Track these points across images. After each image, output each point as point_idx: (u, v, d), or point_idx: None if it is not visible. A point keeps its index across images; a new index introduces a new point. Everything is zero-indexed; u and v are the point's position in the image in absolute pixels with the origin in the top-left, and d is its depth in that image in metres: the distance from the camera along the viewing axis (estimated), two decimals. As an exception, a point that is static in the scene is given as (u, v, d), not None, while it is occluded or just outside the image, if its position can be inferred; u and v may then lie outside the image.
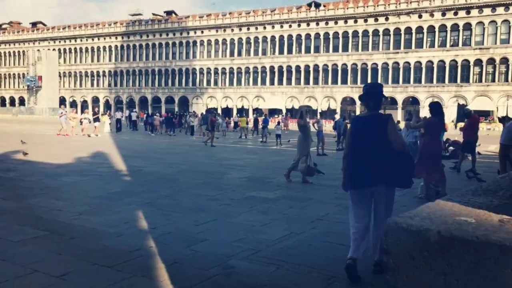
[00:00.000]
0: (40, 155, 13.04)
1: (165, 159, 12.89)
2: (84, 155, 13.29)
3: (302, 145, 8.59)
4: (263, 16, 64.95)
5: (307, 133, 8.73)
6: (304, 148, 8.56)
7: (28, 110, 71.52)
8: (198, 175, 9.56)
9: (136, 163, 11.50)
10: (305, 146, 8.59)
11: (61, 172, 9.65)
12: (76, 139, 21.05)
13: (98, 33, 75.88)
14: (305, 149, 8.55)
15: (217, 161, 12.78)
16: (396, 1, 57.51)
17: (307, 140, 8.65)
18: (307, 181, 8.53)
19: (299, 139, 8.64)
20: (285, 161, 13.27)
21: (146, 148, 16.99)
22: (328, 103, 61.81)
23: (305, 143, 8.61)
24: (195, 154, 15.13)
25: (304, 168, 8.45)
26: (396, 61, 57.38)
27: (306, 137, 8.65)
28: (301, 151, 8.55)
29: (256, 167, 11.27)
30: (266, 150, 17.83)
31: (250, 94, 66.26)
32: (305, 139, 8.63)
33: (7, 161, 11.50)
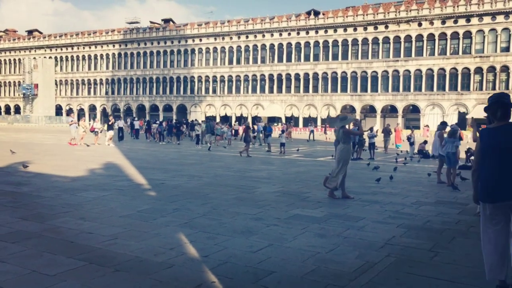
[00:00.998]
0: (48, 167, 12.35)
1: (183, 170, 12.22)
2: (95, 167, 12.60)
3: (345, 157, 7.97)
4: (262, 24, 64.71)
5: (350, 143, 8.13)
6: (346, 161, 7.95)
7: (24, 119, 70.47)
8: (227, 189, 8.91)
9: (155, 176, 10.83)
10: (347, 158, 7.99)
11: (78, 186, 8.97)
12: (80, 148, 20.33)
13: (95, 41, 75.27)
14: (346, 162, 7.95)
15: (237, 172, 12.13)
16: (395, 9, 57.50)
17: (349, 151, 8.05)
18: (348, 196, 7.92)
19: (342, 150, 8.02)
20: (307, 172, 12.68)
21: (156, 159, 16.30)
22: (328, 111, 61.44)
23: (348, 155, 8.01)
24: (210, 164, 14.47)
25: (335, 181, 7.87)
26: (396, 69, 57.23)
27: (348, 148, 8.04)
28: (344, 163, 7.93)
29: (282, 180, 10.63)
30: (280, 160, 17.21)
31: (249, 102, 65.80)
32: (348, 150, 8.02)
33: (16, 173, 10.79)
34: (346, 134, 8.08)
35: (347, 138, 8.08)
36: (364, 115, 60.59)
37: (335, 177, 7.86)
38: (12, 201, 7.34)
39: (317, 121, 60.96)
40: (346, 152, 8.00)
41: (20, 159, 14.20)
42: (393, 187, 9.62)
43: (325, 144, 29.92)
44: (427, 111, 55.97)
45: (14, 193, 8.11)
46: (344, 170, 7.91)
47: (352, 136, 8.18)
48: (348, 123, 8.07)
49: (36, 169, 11.63)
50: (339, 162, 7.91)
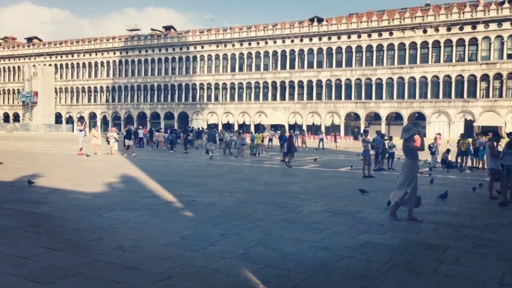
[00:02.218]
0: (61, 180, 11.43)
1: (207, 184, 11.32)
2: (112, 180, 11.69)
3: (410, 173, 7.09)
4: (264, 31, 64.14)
5: (416, 158, 7.22)
6: (413, 178, 7.07)
7: (23, 127, 69.45)
8: (268, 208, 8.02)
9: (181, 191, 9.93)
10: (415, 173, 7.12)
11: (102, 205, 8.06)
12: (89, 159, 19.40)
13: (96, 48, 74.53)
14: (414, 179, 7.07)
15: (266, 186, 11.24)
16: (400, 16, 57.04)
17: (416, 167, 7.17)
18: (415, 218, 7.03)
19: (407, 165, 7.15)
20: (339, 185, 11.82)
21: (171, 170, 15.40)
22: (332, 118, 60.74)
23: (414, 171, 7.13)
24: (231, 177, 13.58)
25: (411, 201, 6.98)
26: (401, 76, 56.63)
27: (415, 164, 7.16)
28: (410, 180, 7.05)
29: (321, 195, 9.75)
30: (300, 171, 16.34)
31: (252, 110, 65.01)
32: (414, 166, 7.14)
33: (30, 189, 9.87)
34: (405, 149, 7.23)
35: (407, 152, 7.21)
36: (369, 122, 59.87)
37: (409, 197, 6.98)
38: (33, 225, 6.44)
39: (320, 128, 60.19)
40: (410, 168, 7.12)
41: (28, 172, 13.28)
42: (448, 204, 8.76)
43: (335, 153, 29.09)
44: (433, 119, 55.30)
45: (33, 214, 7.20)
46: (413, 189, 7.03)
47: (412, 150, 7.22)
48: (410, 135, 7.18)
49: (49, 184, 10.71)
50: (406, 181, 7.03)
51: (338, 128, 58.15)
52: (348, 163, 20.62)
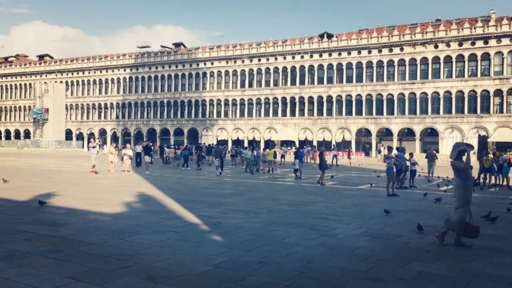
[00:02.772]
0: (78, 200, 11.03)
1: (228, 204, 10.86)
2: (130, 199, 11.27)
3: (462, 195, 6.56)
4: (274, 47, 64.22)
5: (467, 178, 6.65)
6: (465, 200, 6.52)
7: (34, 143, 69.69)
8: (300, 231, 7.52)
9: (203, 211, 9.47)
10: (467, 195, 6.57)
11: (124, 227, 7.62)
12: (103, 176, 19.04)
13: (106, 65, 75.10)
14: (465, 202, 6.52)
15: (290, 206, 10.75)
16: (410, 31, 56.85)
17: (467, 188, 6.60)
18: (463, 244, 6.49)
19: (457, 187, 6.63)
20: (365, 204, 11.29)
21: (188, 188, 14.97)
22: (343, 134, 60.18)
23: (465, 193, 6.57)
24: (251, 195, 13.10)
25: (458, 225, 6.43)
26: (413, 91, 56.09)
27: (465, 185, 6.61)
28: (463, 202, 6.52)
29: (351, 216, 9.24)
30: (319, 189, 15.84)
31: (262, 126, 64.69)
32: (465, 187, 6.59)
33: (47, 209, 9.47)
34: (453, 168, 6.71)
35: (456, 171, 6.69)
36: (380, 138, 59.26)
37: (457, 221, 6.44)
38: (53, 250, 6.01)
39: (331, 144, 59.60)
40: (460, 189, 6.58)
41: (43, 191, 12.92)
42: (493, 227, 8.19)
43: (350, 170, 28.50)
44: (445, 135, 54.51)
45: (52, 237, 6.78)
46: (465, 211, 6.49)
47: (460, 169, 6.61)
48: (458, 153, 6.65)
49: (66, 204, 10.32)
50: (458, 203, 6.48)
51: (349, 144, 57.50)
52: (366, 180, 20.08)
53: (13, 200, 10.90)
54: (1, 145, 73.57)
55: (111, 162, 21.55)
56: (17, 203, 10.39)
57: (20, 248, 6.07)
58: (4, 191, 12.83)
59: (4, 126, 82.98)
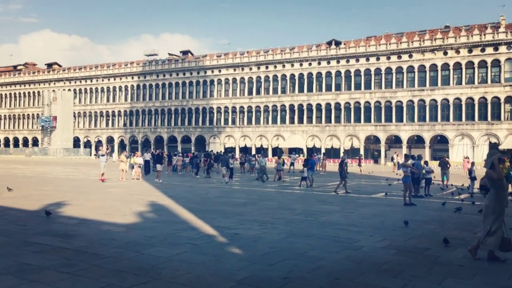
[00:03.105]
0: (89, 209, 10.78)
1: (242, 213, 10.55)
2: (142, 209, 11.00)
3: (496, 207, 6.20)
4: (282, 55, 64.13)
5: (500, 188, 6.28)
6: (500, 213, 6.17)
7: (42, 151, 69.90)
8: (322, 243, 7.19)
9: (218, 222, 9.17)
10: (502, 207, 6.21)
11: (139, 238, 7.33)
12: (112, 185, 18.82)
13: (114, 73, 75.42)
14: (500, 214, 6.16)
15: (307, 216, 10.41)
16: (419, 38, 56.49)
17: (502, 199, 6.24)
18: (497, 258, 6.13)
19: (488, 197, 6.29)
20: (384, 215, 10.93)
21: (199, 197, 14.69)
22: (351, 142, 59.73)
23: (499, 204, 6.22)
24: (264, 204, 12.79)
25: (495, 240, 6.06)
26: (422, 98, 55.60)
27: (498, 195, 6.25)
28: (498, 214, 6.17)
29: (373, 227, 8.89)
30: (333, 197, 15.48)
31: (269, 133, 64.42)
32: (499, 197, 6.24)
33: (58, 219, 9.21)
34: (487, 177, 6.36)
35: (489, 182, 6.33)
36: (389, 145, 58.76)
37: (493, 235, 6.08)
38: (67, 264, 5.73)
39: (339, 152, 59.17)
40: (494, 199, 6.23)
41: (53, 199, 12.70)
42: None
43: (361, 178, 28.07)
44: (455, 142, 53.88)
45: (65, 250, 6.51)
46: (498, 224, 6.14)
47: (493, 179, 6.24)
48: (491, 161, 6.29)
49: (77, 213, 10.06)
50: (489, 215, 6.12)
51: (357, 152, 57.03)
52: (379, 188, 19.72)
53: (23, 210, 10.67)
54: (10, 153, 73.86)
55: (122, 170, 21.34)
56: (27, 213, 10.16)
57: (32, 262, 5.80)
58: (13, 199, 12.62)
59: (13, 134, 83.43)
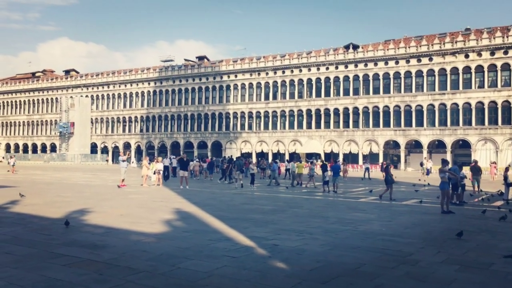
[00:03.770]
0: (114, 217, 10.31)
1: (276, 222, 9.95)
2: (168, 217, 10.49)
3: None
4: (298, 59, 63.55)
5: None
6: None
7: (60, 157, 70.40)
8: (372, 256, 6.56)
9: (252, 231, 8.60)
10: None
11: (171, 250, 6.80)
12: (132, 191, 18.42)
13: (131, 79, 75.75)
14: None
15: (344, 225, 9.78)
16: (439, 41, 55.36)
17: None
18: None
19: None
20: (422, 223, 10.23)
21: (225, 204, 14.14)
22: (370, 147, 58.67)
23: None
24: (294, 212, 12.18)
25: None
26: (443, 102, 54.38)
27: None
28: None
29: (421, 239, 8.21)
30: (364, 204, 14.79)
31: (286, 138, 63.76)
32: None
33: (83, 228, 8.75)
34: None
35: None
36: (409, 150, 57.61)
37: None
38: (99, 280, 5.22)
39: (358, 157, 58.24)
40: None
41: (75, 206, 12.29)
42: None
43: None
44: (478, 146, 52.49)
45: (95, 263, 6.01)
46: None
47: None
48: None
49: (103, 221, 9.60)
50: None
51: (376, 157, 56.03)
52: (409, 195, 18.96)
53: (46, 217, 10.26)
54: (28, 159, 74.58)
55: (145, 176, 20.97)
56: (50, 221, 9.74)
57: (61, 277, 5.30)
58: (35, 207, 12.25)
59: (31, 140, 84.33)
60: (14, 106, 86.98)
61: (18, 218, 10.02)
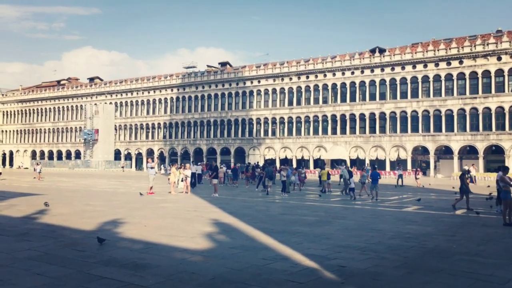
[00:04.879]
0: (150, 230, 9.48)
1: (328, 236, 8.95)
2: (209, 230, 9.60)
3: None
4: (323, 64, 62.39)
5: None
6: None
7: (84, 164, 70.78)
8: (461, 282, 5.52)
9: (306, 247, 7.62)
10: None
11: (223, 272, 5.89)
12: (162, 199, 17.66)
13: (154, 86, 75.88)
14: None
15: (407, 241, 8.69)
16: (470, 43, 53.49)
17: None
18: None
19: None
20: (496, 238, 9.04)
21: (262, 213, 13.21)
22: (397, 153, 56.96)
23: None
24: (341, 223, 11.16)
25: None
26: (474, 106, 52.39)
27: None
28: None
29: (503, 258, 7.09)
30: (415, 215, 13.62)
31: (311, 145, 62.53)
32: None
33: (120, 243, 7.92)
34: None
35: None
36: (438, 156, 55.67)
37: None
38: (149, 312, 4.33)
39: (385, 164, 56.59)
40: None
41: (106, 217, 11.54)
42: None
43: (423, 191, 25.77)
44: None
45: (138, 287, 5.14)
46: None
47: None
48: None
49: (139, 235, 8.77)
50: None
51: (404, 163, 54.26)
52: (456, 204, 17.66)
53: (77, 230, 9.51)
54: (54, 166, 75.27)
55: (173, 183, 20.26)
56: (83, 234, 8.96)
57: (104, 308, 4.45)
58: (65, 217, 11.55)
59: (57, 147, 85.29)
60: (40, 113, 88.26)
61: (48, 230, 9.29)
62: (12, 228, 9.44)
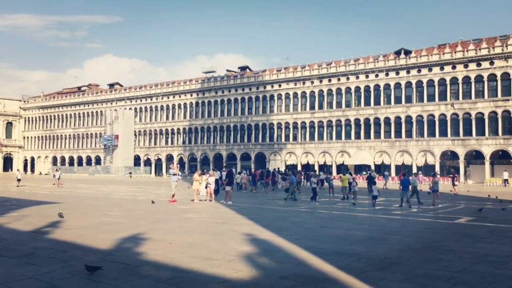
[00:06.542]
0: (178, 250, 8.04)
1: (398, 262, 7.32)
2: (246, 249, 8.09)
3: None
4: (345, 67, 60.58)
5: None
6: None
7: (104, 169, 70.36)
8: None
9: (383, 283, 6.03)
10: None
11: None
12: (186, 208, 16.27)
13: (173, 91, 75.16)
14: None
15: (496, 267, 7.03)
16: (501, 43, 51.04)
17: None
18: None
19: None
20: None
21: (301, 227, 11.64)
22: (425, 158, 54.63)
23: None
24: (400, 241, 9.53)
25: None
26: (507, 109, 49.86)
27: None
28: None
29: None
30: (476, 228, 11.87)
31: (333, 150, 60.61)
32: None
33: (144, 269, 6.47)
34: None
35: None
36: (468, 161, 53.11)
37: None
38: None
39: (411, 169, 54.22)
40: None
41: (126, 231, 10.15)
42: None
43: (463, 199, 23.76)
44: (550, 157, 47.57)
45: None
46: None
47: None
48: None
49: (165, 257, 7.32)
50: None
51: (432, 168, 51.89)
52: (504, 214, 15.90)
53: (92, 248, 8.13)
54: (74, 171, 75.12)
55: (196, 190, 18.93)
56: (98, 255, 7.55)
57: None
58: (80, 231, 10.22)
59: (77, 153, 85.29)
60: (60, 119, 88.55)
61: (58, 249, 7.93)
62: (17, 247, 8.13)
